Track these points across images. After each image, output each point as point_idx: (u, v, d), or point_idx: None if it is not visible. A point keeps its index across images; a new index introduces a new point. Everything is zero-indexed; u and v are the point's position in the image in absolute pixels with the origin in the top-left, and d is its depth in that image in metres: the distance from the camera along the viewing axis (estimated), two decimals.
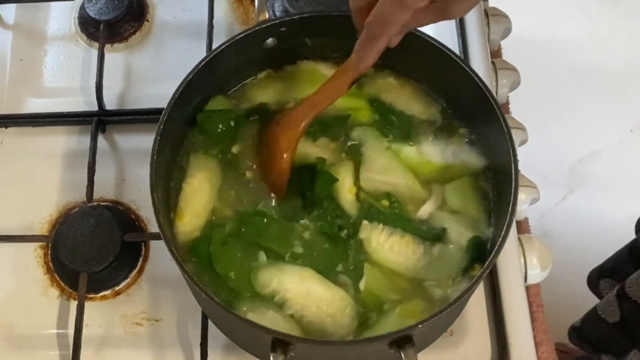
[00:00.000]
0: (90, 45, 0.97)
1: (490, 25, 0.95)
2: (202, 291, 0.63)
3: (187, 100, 0.74)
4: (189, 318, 0.78)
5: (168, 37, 0.97)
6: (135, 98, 0.92)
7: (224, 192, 0.75)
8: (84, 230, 0.80)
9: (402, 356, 0.61)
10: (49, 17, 1.00)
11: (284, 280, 0.69)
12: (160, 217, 0.66)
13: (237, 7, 0.98)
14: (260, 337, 0.64)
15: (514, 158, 0.68)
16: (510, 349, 0.75)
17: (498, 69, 0.91)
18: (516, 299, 0.77)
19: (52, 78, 0.95)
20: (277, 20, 0.75)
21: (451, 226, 0.72)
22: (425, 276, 0.71)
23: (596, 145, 1.89)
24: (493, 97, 0.70)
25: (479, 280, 0.65)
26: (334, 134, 0.77)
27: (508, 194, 0.67)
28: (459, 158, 0.76)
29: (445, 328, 0.75)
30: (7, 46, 0.98)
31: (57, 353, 0.78)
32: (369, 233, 0.72)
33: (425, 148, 0.77)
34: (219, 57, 0.74)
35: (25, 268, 0.83)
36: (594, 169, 1.87)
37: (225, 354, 0.77)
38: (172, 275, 0.79)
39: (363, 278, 0.70)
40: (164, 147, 0.71)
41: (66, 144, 0.90)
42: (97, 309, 0.80)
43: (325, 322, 0.68)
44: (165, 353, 0.78)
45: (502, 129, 0.69)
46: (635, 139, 1.91)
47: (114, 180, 0.87)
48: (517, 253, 0.79)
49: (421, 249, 0.72)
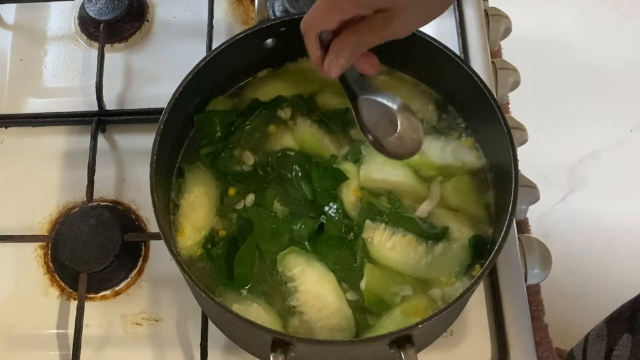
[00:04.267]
0: (90, 45, 0.97)
1: (490, 25, 0.95)
2: (202, 291, 0.63)
3: (187, 100, 0.74)
4: (189, 318, 0.78)
5: (168, 37, 0.97)
6: (135, 98, 0.92)
7: (224, 199, 0.75)
8: (84, 230, 0.80)
9: (402, 356, 0.61)
10: (49, 17, 1.00)
11: (305, 273, 0.70)
12: (160, 217, 0.66)
13: (237, 7, 0.98)
14: (260, 337, 0.64)
15: (514, 158, 0.68)
16: (510, 349, 0.75)
17: (498, 69, 0.91)
18: (516, 299, 0.77)
19: (52, 78, 0.95)
20: (277, 20, 0.75)
21: (452, 225, 0.73)
22: (427, 275, 0.71)
23: (596, 145, 1.89)
24: (493, 97, 0.70)
25: (479, 280, 0.65)
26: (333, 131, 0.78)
27: (508, 194, 0.67)
28: (458, 157, 0.76)
29: (445, 328, 0.75)
30: (7, 46, 0.98)
31: (57, 353, 0.78)
32: (371, 233, 0.72)
33: (426, 147, 0.77)
34: (219, 57, 0.74)
35: (25, 268, 0.83)
36: (594, 169, 1.87)
37: (225, 354, 0.77)
38: (172, 275, 0.79)
39: (364, 277, 0.71)
40: (164, 147, 0.71)
41: (66, 144, 0.90)
42: (97, 309, 0.80)
43: (319, 327, 0.69)
44: (165, 353, 0.78)
45: (502, 128, 0.69)
46: (635, 139, 1.91)
47: (114, 180, 0.87)
48: (517, 253, 0.79)
49: (423, 248, 0.72)
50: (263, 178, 0.76)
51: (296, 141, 0.78)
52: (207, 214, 0.74)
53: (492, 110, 0.70)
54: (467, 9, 0.94)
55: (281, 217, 0.73)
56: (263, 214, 0.74)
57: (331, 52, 0.66)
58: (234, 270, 0.71)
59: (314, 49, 0.67)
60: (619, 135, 1.91)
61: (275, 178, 0.76)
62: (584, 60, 1.99)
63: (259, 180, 0.76)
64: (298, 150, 0.77)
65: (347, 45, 0.65)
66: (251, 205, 0.74)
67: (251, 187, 0.76)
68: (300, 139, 0.78)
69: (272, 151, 0.78)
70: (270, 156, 0.77)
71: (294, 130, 0.78)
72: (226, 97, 0.80)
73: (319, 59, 0.67)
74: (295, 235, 0.72)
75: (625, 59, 1.99)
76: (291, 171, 0.75)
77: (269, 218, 0.73)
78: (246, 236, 0.72)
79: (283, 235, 0.73)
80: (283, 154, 0.77)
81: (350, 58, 0.66)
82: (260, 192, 0.75)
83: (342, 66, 0.66)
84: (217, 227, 0.74)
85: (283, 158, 0.77)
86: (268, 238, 0.72)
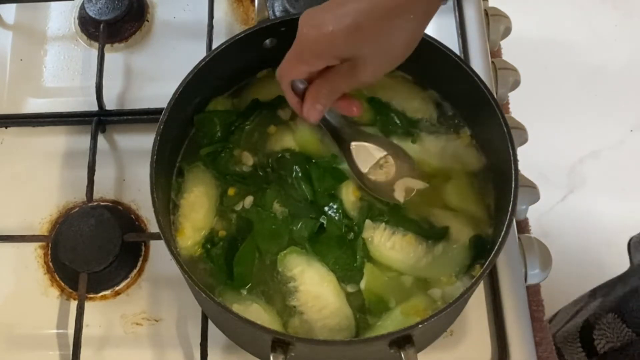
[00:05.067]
0: (90, 45, 0.97)
1: (490, 25, 0.95)
2: (202, 291, 0.63)
3: (187, 100, 0.74)
4: (189, 318, 0.78)
5: (168, 37, 0.97)
6: (135, 98, 0.92)
7: (224, 199, 0.75)
8: (84, 230, 0.80)
9: (402, 356, 0.61)
10: (49, 17, 1.00)
11: (305, 273, 0.70)
12: (160, 217, 0.66)
13: (237, 7, 0.98)
14: (260, 337, 0.64)
15: (514, 158, 0.68)
16: (510, 349, 0.75)
17: (498, 69, 0.91)
18: (516, 299, 0.77)
19: (52, 78, 0.95)
20: (277, 20, 0.75)
21: (452, 225, 0.73)
22: (427, 275, 0.71)
23: (596, 145, 1.89)
24: (493, 97, 0.70)
25: (479, 280, 0.65)
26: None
27: (508, 194, 0.67)
28: (458, 157, 0.76)
29: (445, 328, 0.75)
30: (7, 46, 0.98)
31: (57, 353, 0.78)
32: (371, 232, 0.72)
33: (426, 146, 0.77)
34: (219, 57, 0.74)
35: (25, 268, 0.83)
36: (594, 169, 1.87)
37: (225, 354, 0.77)
38: (172, 275, 0.79)
39: (364, 277, 0.71)
40: (164, 147, 0.71)
41: (66, 144, 0.90)
42: (97, 309, 0.80)
43: (319, 327, 0.69)
44: (165, 353, 0.78)
45: (502, 129, 0.69)
46: (635, 139, 1.91)
47: (114, 180, 0.87)
48: (517, 253, 0.79)
49: (423, 247, 0.72)
50: (263, 178, 0.76)
51: (296, 141, 0.78)
52: (207, 214, 0.74)
53: (492, 110, 0.70)
54: (467, 9, 0.94)
55: (281, 217, 0.73)
56: (263, 215, 0.74)
57: (307, 99, 0.69)
58: (234, 270, 0.71)
59: (289, 96, 0.70)
60: (619, 135, 1.91)
61: (275, 179, 0.76)
62: (584, 60, 1.99)
63: (258, 181, 0.76)
64: (298, 150, 0.77)
65: (321, 93, 0.68)
66: (250, 206, 0.74)
67: (251, 187, 0.76)
68: (301, 139, 0.78)
69: (272, 151, 0.78)
70: (270, 156, 0.77)
71: (294, 130, 0.78)
72: (226, 97, 0.80)
73: (296, 104, 0.70)
74: (295, 236, 0.72)
75: (625, 59, 1.99)
76: (291, 172, 0.75)
77: (268, 219, 0.73)
78: (246, 236, 0.72)
79: (282, 236, 0.73)
80: (283, 155, 0.77)
81: (327, 103, 0.69)
82: (260, 192, 0.75)
83: (319, 111, 0.69)
84: (217, 227, 0.74)
85: (283, 158, 0.77)
86: (267, 239, 0.72)
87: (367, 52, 0.64)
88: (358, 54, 0.64)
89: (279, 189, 0.75)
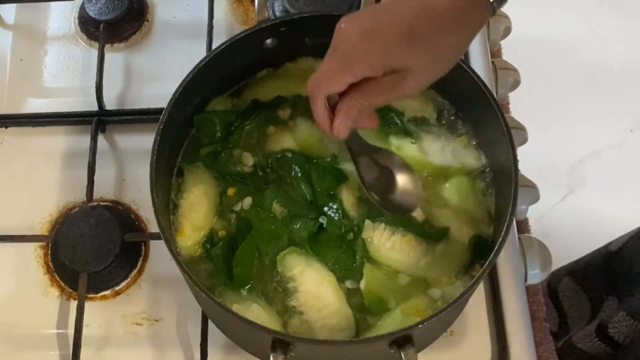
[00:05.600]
0: (90, 45, 0.97)
1: (490, 25, 0.95)
2: (202, 291, 0.63)
3: (187, 101, 0.74)
4: (189, 318, 0.78)
5: (168, 37, 0.97)
6: (135, 98, 0.92)
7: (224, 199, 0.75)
8: (84, 230, 0.80)
9: (402, 356, 0.61)
10: (49, 17, 1.00)
11: (305, 273, 0.70)
12: (160, 217, 0.66)
13: (237, 7, 0.98)
14: (260, 337, 0.64)
15: (514, 158, 0.68)
16: (510, 349, 0.75)
17: (498, 69, 0.91)
18: (516, 299, 0.77)
19: (52, 78, 0.95)
20: (277, 20, 0.75)
21: (452, 225, 0.73)
22: (427, 275, 0.71)
23: (596, 145, 1.89)
24: (493, 97, 0.70)
25: (479, 280, 0.65)
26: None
27: (508, 194, 0.67)
28: (458, 157, 0.76)
29: (445, 328, 0.75)
30: (7, 46, 0.98)
31: (57, 353, 0.78)
32: (371, 232, 0.72)
33: (425, 146, 0.77)
34: (219, 57, 0.74)
35: (25, 268, 0.83)
36: (594, 169, 1.87)
37: (225, 354, 0.77)
38: (172, 275, 0.79)
39: (364, 277, 0.71)
40: (164, 147, 0.71)
41: (66, 144, 0.90)
42: (97, 309, 0.80)
43: (319, 327, 0.69)
44: (165, 353, 0.78)
45: (502, 128, 0.69)
46: (635, 139, 1.91)
47: (114, 180, 0.87)
48: (517, 253, 0.79)
49: (422, 247, 0.72)
50: (263, 178, 0.76)
51: (296, 141, 0.78)
52: (206, 214, 0.74)
53: (492, 110, 0.70)
54: None
55: (280, 218, 0.73)
56: (262, 215, 0.73)
57: (339, 114, 0.64)
58: (233, 270, 0.71)
59: (321, 111, 0.65)
60: (619, 135, 1.91)
61: (275, 179, 0.76)
62: (583, 60, 1.99)
63: (258, 181, 0.76)
64: (298, 150, 0.77)
65: (354, 107, 0.63)
66: (250, 206, 0.74)
67: (251, 187, 0.76)
68: (300, 139, 0.78)
69: (272, 151, 0.78)
70: (270, 156, 0.77)
71: (294, 130, 0.78)
72: (226, 97, 0.80)
73: (325, 119, 0.65)
74: (295, 236, 0.72)
75: (625, 59, 1.99)
76: (291, 172, 0.75)
77: (268, 219, 0.73)
78: (245, 236, 0.72)
79: (282, 236, 0.73)
80: (283, 155, 0.77)
81: (359, 120, 0.65)
82: (260, 193, 0.75)
83: (350, 128, 0.65)
84: (217, 227, 0.74)
85: (283, 158, 0.77)
86: (267, 239, 0.72)
87: (419, 63, 0.61)
88: (409, 65, 0.61)
89: (278, 189, 0.75)
